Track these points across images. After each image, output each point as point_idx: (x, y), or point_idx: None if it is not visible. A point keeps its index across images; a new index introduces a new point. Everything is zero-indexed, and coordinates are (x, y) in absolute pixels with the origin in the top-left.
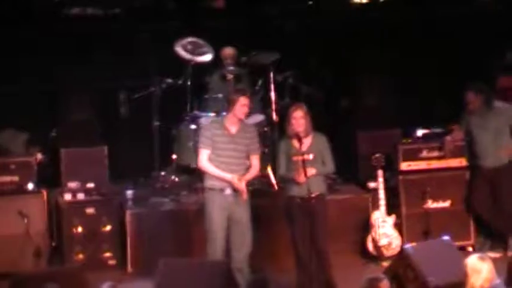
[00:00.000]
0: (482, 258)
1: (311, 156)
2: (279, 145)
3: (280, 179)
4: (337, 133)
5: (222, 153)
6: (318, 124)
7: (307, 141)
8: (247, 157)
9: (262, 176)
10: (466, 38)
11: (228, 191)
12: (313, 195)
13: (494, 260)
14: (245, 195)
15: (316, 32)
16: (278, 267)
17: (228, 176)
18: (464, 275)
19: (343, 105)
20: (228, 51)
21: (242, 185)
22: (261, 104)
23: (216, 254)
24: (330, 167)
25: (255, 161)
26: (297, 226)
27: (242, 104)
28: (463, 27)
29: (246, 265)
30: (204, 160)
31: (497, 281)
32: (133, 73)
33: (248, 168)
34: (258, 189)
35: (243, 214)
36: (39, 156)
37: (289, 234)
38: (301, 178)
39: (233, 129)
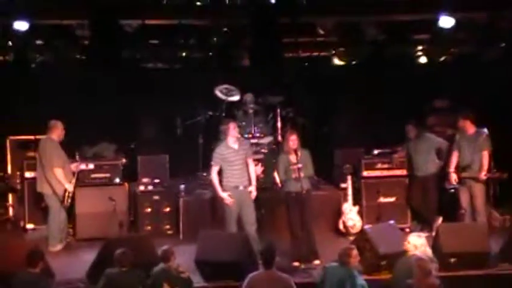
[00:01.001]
0: (418, 236)
1: (300, 165)
2: (279, 159)
3: (281, 180)
4: (320, 150)
5: (232, 164)
6: (307, 143)
7: (298, 155)
8: (246, 161)
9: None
10: (408, 90)
11: (241, 188)
12: (304, 191)
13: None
14: (253, 196)
15: (310, 83)
16: (279, 239)
17: (220, 192)
18: (404, 247)
19: (324, 131)
20: (250, 95)
21: (253, 189)
22: (271, 130)
23: (233, 229)
24: (311, 171)
25: (251, 163)
26: (292, 211)
27: (233, 127)
28: (407, 83)
29: (256, 236)
30: (214, 174)
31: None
32: (187, 106)
33: (247, 170)
34: (267, 187)
35: (250, 202)
36: (124, 160)
37: (287, 217)
38: (297, 176)
39: (235, 146)
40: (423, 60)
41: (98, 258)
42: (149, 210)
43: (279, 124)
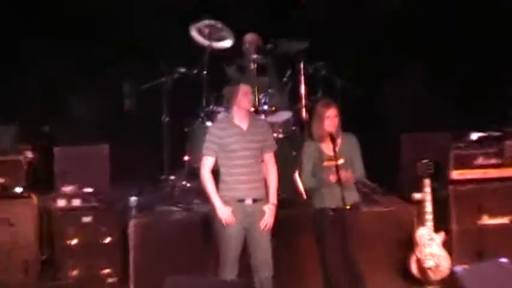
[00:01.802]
0: None
1: (342, 161)
2: (303, 149)
3: (306, 188)
4: (377, 135)
5: (235, 155)
6: (354, 124)
7: (336, 143)
8: (262, 156)
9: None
10: None
11: (249, 201)
12: (348, 207)
13: None
14: (269, 227)
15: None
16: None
17: (219, 204)
18: None
19: (385, 101)
20: (251, 37)
21: (269, 212)
22: (288, 100)
23: (231, 270)
24: (360, 172)
25: (272, 160)
26: (328, 242)
27: (244, 92)
28: None
29: (270, 286)
30: (206, 170)
31: None
32: (141, 60)
33: (263, 171)
34: (283, 199)
35: (265, 228)
36: (30, 154)
37: (319, 251)
38: (335, 179)
39: (243, 125)
40: None
41: None
42: (75, 241)
43: (302, 89)
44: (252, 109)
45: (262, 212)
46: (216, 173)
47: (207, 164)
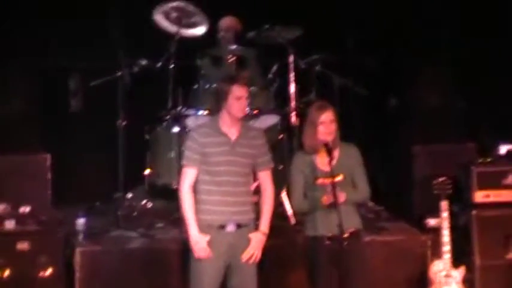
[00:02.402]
0: None
1: (340, 177)
2: (294, 162)
3: (298, 211)
4: (384, 146)
5: (219, 171)
6: (355, 132)
7: (334, 156)
8: (252, 174)
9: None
10: None
11: (231, 228)
12: (346, 234)
13: None
14: (254, 260)
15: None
16: None
17: (193, 230)
18: None
19: (392, 105)
20: (229, 22)
21: (255, 242)
22: (274, 101)
23: None
24: (364, 191)
25: (268, 180)
26: (321, 279)
27: (236, 96)
28: None
29: None
30: (187, 186)
31: None
32: (92, 50)
33: (254, 192)
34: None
35: (249, 262)
36: None
37: None
38: (331, 201)
39: (232, 134)
40: None
41: None
42: (8, 273)
43: (292, 88)
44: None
45: (247, 240)
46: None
47: (188, 177)
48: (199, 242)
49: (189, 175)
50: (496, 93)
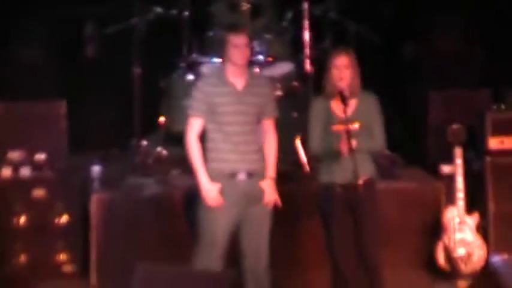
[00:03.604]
0: None
1: (356, 126)
2: (312, 107)
3: (313, 157)
4: (398, 92)
5: (227, 120)
6: (369, 79)
7: (351, 104)
8: (259, 122)
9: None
10: None
11: (242, 176)
12: (360, 182)
13: None
14: (273, 205)
15: None
16: (308, 282)
17: (204, 179)
18: None
19: (407, 51)
20: None
21: (269, 189)
22: (289, 48)
23: (214, 263)
24: (378, 141)
25: (271, 128)
26: (336, 225)
27: (234, 44)
28: None
29: (265, 279)
30: (193, 136)
31: None
32: None
33: (260, 142)
34: (282, 171)
35: (262, 210)
36: None
37: (325, 236)
38: (346, 148)
39: (238, 83)
40: None
41: None
42: (24, 220)
43: (306, 35)
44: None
45: (259, 189)
46: (202, 138)
47: (194, 127)
48: (210, 190)
49: (195, 125)
50: None
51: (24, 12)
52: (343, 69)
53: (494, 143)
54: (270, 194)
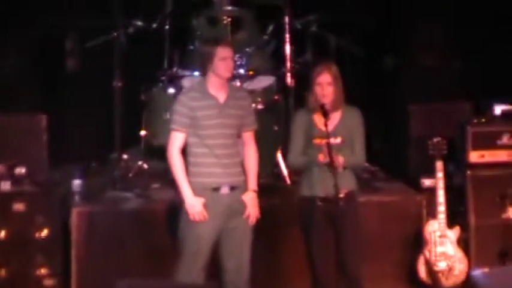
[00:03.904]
0: None
1: (338, 140)
2: (295, 119)
3: (293, 168)
4: (379, 105)
5: (209, 133)
6: (350, 92)
7: (334, 118)
8: (239, 135)
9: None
10: None
11: (225, 190)
12: (341, 195)
13: None
14: (255, 218)
15: None
16: None
17: (188, 192)
18: None
19: (388, 64)
20: None
21: (251, 202)
22: (270, 61)
23: (196, 277)
24: (359, 156)
25: (251, 140)
26: (316, 238)
27: (221, 57)
28: None
29: None
30: (175, 150)
31: None
32: (88, 10)
33: (242, 154)
34: (262, 184)
35: (243, 223)
36: None
37: (306, 249)
38: (324, 159)
39: (220, 96)
40: None
41: None
42: (3, 234)
43: (287, 49)
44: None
45: (241, 202)
46: (184, 152)
47: (176, 141)
48: (194, 204)
49: (177, 139)
50: (491, 54)
51: (5, 25)
52: (325, 86)
53: (475, 156)
54: (252, 207)
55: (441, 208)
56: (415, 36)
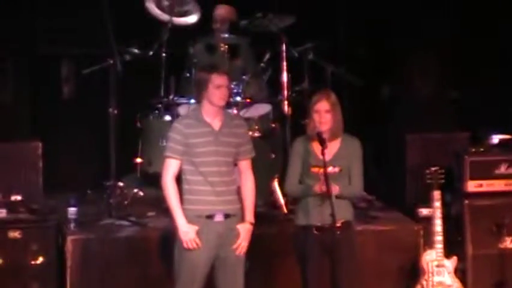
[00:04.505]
0: None
1: (336, 169)
2: (293, 146)
3: (289, 195)
4: (376, 134)
5: (203, 161)
6: (347, 121)
7: (333, 147)
8: (235, 163)
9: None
10: None
11: (219, 218)
12: (338, 224)
13: None
14: (243, 250)
15: None
16: None
17: (181, 220)
18: None
19: (384, 94)
20: (222, 10)
21: (244, 233)
22: (267, 89)
23: None
24: (357, 186)
25: (248, 169)
26: (312, 268)
27: (216, 84)
28: None
29: None
30: (170, 177)
31: None
32: (84, 37)
33: (237, 182)
34: (259, 213)
35: (237, 253)
36: None
37: (302, 278)
38: (323, 190)
39: (215, 123)
40: None
41: None
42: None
43: (284, 77)
44: None
45: (235, 231)
46: (179, 180)
47: (170, 168)
48: (188, 232)
49: (172, 166)
50: (489, 83)
51: (1, 53)
52: (323, 114)
53: (472, 185)
54: (245, 239)
55: (438, 237)
56: (412, 65)
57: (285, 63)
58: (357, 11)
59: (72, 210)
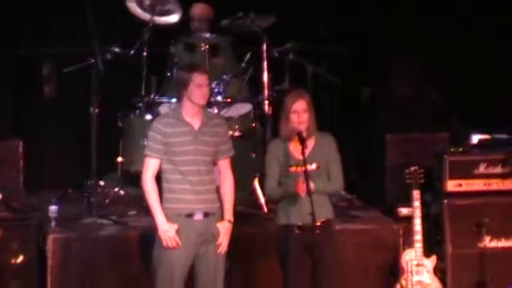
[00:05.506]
0: None
1: (314, 166)
2: (269, 149)
3: (270, 199)
4: (356, 134)
5: (183, 160)
6: (327, 120)
7: (309, 144)
8: (215, 162)
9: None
10: None
11: (199, 216)
12: (318, 223)
13: None
14: (225, 248)
15: None
16: None
17: (161, 219)
18: None
19: (365, 95)
20: (201, 9)
21: (224, 231)
22: (247, 90)
23: None
24: (337, 182)
25: (228, 168)
26: (293, 267)
27: (197, 83)
28: None
29: None
30: (149, 176)
31: None
32: (66, 37)
33: (217, 182)
34: (239, 212)
35: (215, 250)
36: None
37: (283, 277)
38: (303, 189)
39: (195, 122)
40: None
41: None
42: None
43: (265, 77)
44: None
45: (215, 229)
46: (159, 179)
47: (150, 167)
48: (167, 231)
49: (151, 165)
50: (468, 83)
51: None
52: (301, 113)
53: (452, 185)
54: (225, 237)
55: (418, 237)
56: (392, 65)
57: (265, 63)
58: (338, 11)
59: (53, 208)
